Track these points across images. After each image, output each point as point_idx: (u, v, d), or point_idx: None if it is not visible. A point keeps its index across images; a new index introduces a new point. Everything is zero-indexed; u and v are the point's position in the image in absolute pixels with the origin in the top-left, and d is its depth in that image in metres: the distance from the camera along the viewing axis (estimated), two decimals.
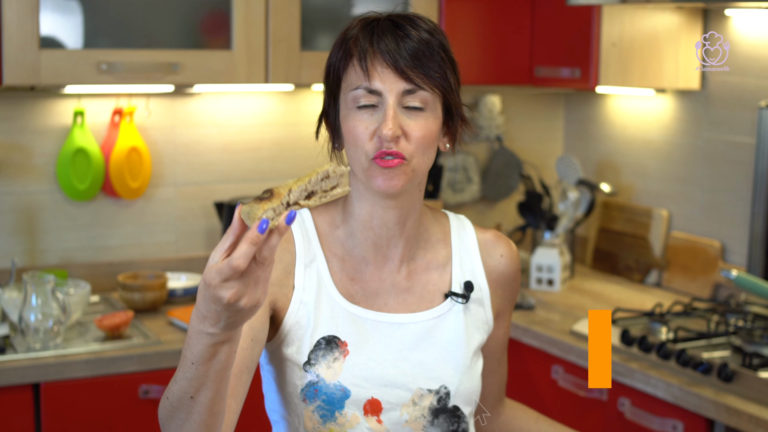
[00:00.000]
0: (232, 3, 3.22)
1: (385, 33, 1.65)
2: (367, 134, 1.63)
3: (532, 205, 3.80)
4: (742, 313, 3.06)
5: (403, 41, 1.63)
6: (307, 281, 1.71)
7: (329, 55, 1.71)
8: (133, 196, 3.46)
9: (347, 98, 1.66)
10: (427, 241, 1.80)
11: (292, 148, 3.75)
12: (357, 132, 1.64)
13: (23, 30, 2.95)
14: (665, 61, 3.48)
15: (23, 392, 2.77)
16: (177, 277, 3.50)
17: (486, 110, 4.02)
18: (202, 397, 1.44)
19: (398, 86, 1.63)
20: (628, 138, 3.89)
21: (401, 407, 1.70)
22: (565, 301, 3.50)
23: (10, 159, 3.33)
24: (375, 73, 1.63)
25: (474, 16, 3.62)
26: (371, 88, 1.63)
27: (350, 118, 1.66)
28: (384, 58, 1.63)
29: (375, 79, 1.63)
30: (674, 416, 2.71)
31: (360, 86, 1.64)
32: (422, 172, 1.68)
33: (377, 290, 1.75)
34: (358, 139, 1.64)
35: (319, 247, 1.74)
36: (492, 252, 1.85)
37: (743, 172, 3.39)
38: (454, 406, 1.74)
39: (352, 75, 1.66)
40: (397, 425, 1.70)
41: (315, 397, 1.68)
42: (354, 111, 1.65)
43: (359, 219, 1.74)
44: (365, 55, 1.64)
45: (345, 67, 1.67)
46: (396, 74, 1.63)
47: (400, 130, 1.62)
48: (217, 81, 3.24)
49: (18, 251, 3.36)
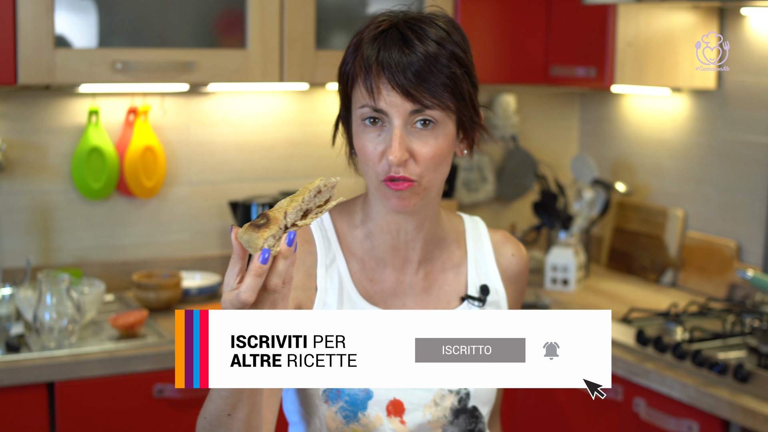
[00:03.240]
0: (247, 2, 3.21)
1: (391, 48, 1.59)
2: (375, 155, 1.61)
3: (547, 204, 3.80)
4: (758, 314, 3.04)
5: (408, 58, 1.58)
6: (329, 283, 1.71)
7: (341, 62, 1.68)
8: (148, 195, 3.47)
9: (356, 114, 1.64)
10: (442, 241, 1.79)
11: (307, 148, 3.74)
12: (366, 152, 1.62)
13: (38, 29, 2.96)
14: (681, 60, 3.47)
15: (38, 391, 2.78)
16: (191, 276, 3.51)
17: (501, 109, 4.01)
18: (240, 414, 1.45)
19: (404, 107, 1.58)
20: (644, 137, 3.88)
21: (423, 408, 1.70)
22: (580, 301, 3.49)
23: (25, 158, 3.34)
24: (380, 95, 1.59)
25: (489, 15, 3.61)
26: (377, 107, 1.60)
27: (360, 136, 1.63)
28: (388, 78, 1.58)
29: (380, 101, 1.59)
30: (690, 417, 2.70)
31: (366, 105, 1.61)
32: (437, 187, 1.66)
33: (395, 291, 1.74)
34: (367, 159, 1.62)
35: (338, 248, 1.73)
36: (503, 251, 1.84)
37: (759, 171, 3.37)
38: (473, 406, 1.74)
39: (359, 93, 1.62)
40: (420, 426, 1.70)
41: (338, 398, 1.67)
42: (362, 128, 1.62)
43: (377, 222, 1.73)
44: (369, 74, 1.60)
45: (353, 83, 1.64)
46: (402, 96, 1.58)
47: (408, 153, 1.59)
48: (231, 80, 3.24)
49: (33, 250, 3.37)
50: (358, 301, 1.71)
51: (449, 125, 1.63)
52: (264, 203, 3.42)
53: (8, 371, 2.72)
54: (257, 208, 3.42)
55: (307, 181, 3.73)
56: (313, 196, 1.39)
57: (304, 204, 1.37)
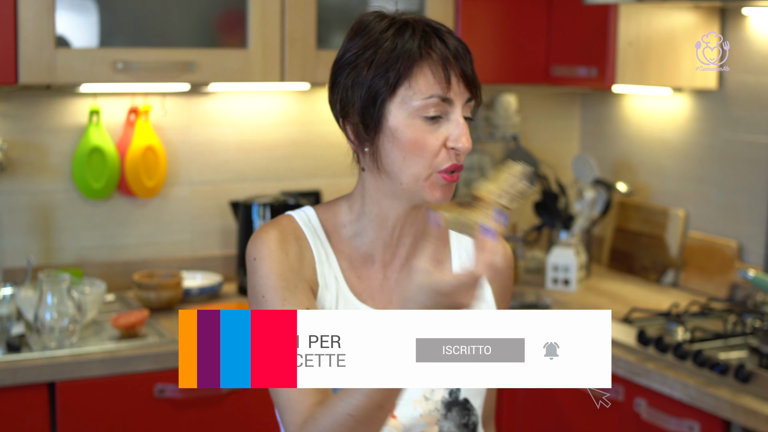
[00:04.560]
0: (248, 1, 3.21)
1: (436, 41, 1.60)
2: (436, 146, 1.60)
3: (548, 204, 3.79)
4: (759, 314, 3.04)
5: (462, 46, 1.61)
6: (328, 279, 1.72)
7: (362, 52, 1.62)
8: (149, 195, 3.47)
9: (410, 105, 1.59)
10: (428, 236, 1.79)
11: (308, 147, 3.74)
12: (425, 143, 1.59)
13: (39, 29, 2.95)
14: (682, 60, 3.46)
15: (39, 391, 2.78)
16: (192, 276, 3.51)
17: (502, 109, 4.01)
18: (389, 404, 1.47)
19: (464, 96, 1.60)
20: (645, 137, 3.88)
21: (413, 402, 1.71)
22: (581, 301, 3.49)
23: (26, 158, 3.34)
24: (450, 84, 1.59)
25: (490, 15, 3.61)
26: (446, 97, 1.59)
27: (416, 129, 1.60)
28: (459, 66, 1.59)
29: (450, 91, 1.59)
30: (691, 417, 2.70)
31: (434, 95, 1.58)
32: None
33: (382, 288, 1.75)
34: (425, 151, 1.60)
35: (329, 245, 1.74)
36: None
37: (760, 171, 3.37)
38: (465, 399, 1.74)
39: (422, 81, 1.59)
40: (412, 419, 1.70)
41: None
42: (420, 121, 1.60)
43: (372, 217, 1.73)
44: (446, 63, 1.59)
45: (408, 71, 1.59)
46: (464, 83, 1.60)
47: None
48: (232, 80, 3.24)
49: (33, 250, 3.37)
50: (351, 298, 1.72)
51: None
52: (265, 203, 3.42)
53: (9, 371, 2.72)
54: (258, 208, 3.42)
55: (310, 181, 3.75)
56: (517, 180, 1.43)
57: (509, 187, 1.42)
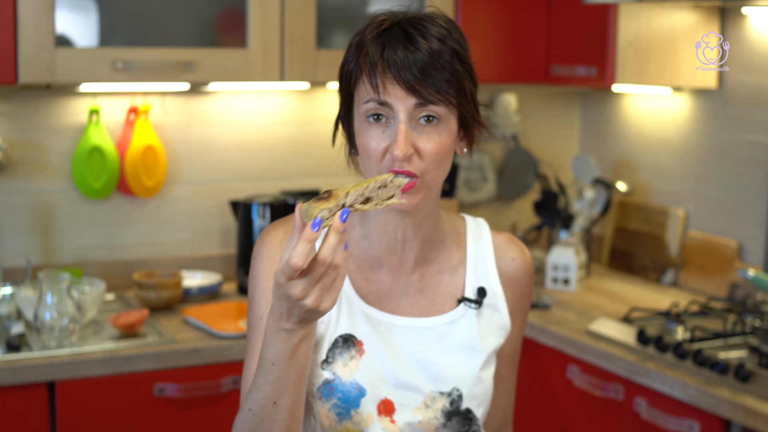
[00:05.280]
0: (247, 1, 3.21)
1: (395, 46, 1.60)
2: (379, 151, 1.61)
3: (548, 204, 3.79)
4: (759, 313, 3.04)
5: (413, 55, 1.59)
6: None
7: (343, 61, 1.68)
8: (149, 194, 3.47)
9: (360, 111, 1.64)
10: (441, 242, 1.78)
11: (308, 147, 3.74)
12: (369, 148, 1.62)
13: (39, 28, 2.95)
14: (682, 59, 3.46)
15: (38, 390, 2.78)
16: (192, 275, 3.51)
17: (502, 109, 4.01)
18: (285, 402, 1.51)
19: (408, 102, 1.59)
20: (645, 137, 3.88)
21: (414, 409, 1.70)
22: (581, 300, 3.48)
23: (26, 157, 3.34)
24: (385, 90, 1.59)
25: (490, 15, 3.61)
26: (381, 101, 1.60)
27: (363, 133, 1.63)
28: (393, 74, 1.59)
29: (385, 95, 1.59)
30: (690, 416, 2.70)
31: (370, 99, 1.61)
32: (438, 184, 1.67)
33: (390, 291, 1.75)
34: (371, 156, 1.62)
35: None
36: (504, 255, 1.83)
37: (760, 171, 3.37)
38: (467, 408, 1.73)
39: (362, 89, 1.63)
40: (411, 426, 1.70)
41: (331, 395, 1.68)
42: (366, 125, 1.63)
43: (375, 222, 1.73)
44: (375, 71, 1.60)
45: (356, 81, 1.64)
46: (406, 90, 1.59)
47: (412, 148, 1.59)
48: (232, 79, 3.23)
49: (33, 249, 3.37)
50: (355, 299, 1.72)
51: (452, 122, 1.64)
52: (265, 202, 3.42)
53: (9, 370, 2.72)
54: (258, 207, 3.42)
55: (310, 181, 3.75)
56: (377, 188, 1.47)
57: (367, 191, 1.45)
